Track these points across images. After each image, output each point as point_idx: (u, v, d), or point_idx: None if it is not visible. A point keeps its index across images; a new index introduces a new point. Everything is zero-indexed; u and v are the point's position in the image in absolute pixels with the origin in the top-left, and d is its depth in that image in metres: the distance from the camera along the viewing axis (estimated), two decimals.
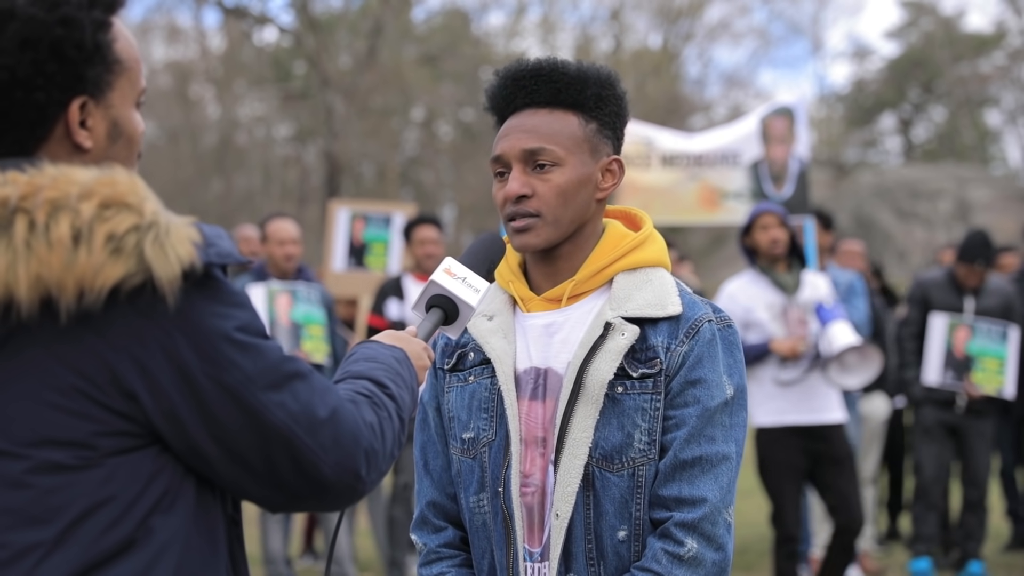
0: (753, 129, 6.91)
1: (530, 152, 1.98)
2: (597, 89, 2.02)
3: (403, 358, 1.74)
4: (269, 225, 6.40)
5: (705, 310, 2.00)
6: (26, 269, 1.36)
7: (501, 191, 2.01)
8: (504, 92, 2.04)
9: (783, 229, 5.63)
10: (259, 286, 6.08)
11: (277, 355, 1.48)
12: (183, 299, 1.42)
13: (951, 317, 6.63)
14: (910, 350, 6.92)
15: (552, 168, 1.98)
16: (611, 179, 2.05)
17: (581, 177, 2.00)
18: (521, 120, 2.01)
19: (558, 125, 2.00)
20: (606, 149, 2.04)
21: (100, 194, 1.40)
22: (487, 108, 2.09)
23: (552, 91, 2.00)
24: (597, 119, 2.03)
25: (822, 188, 27.36)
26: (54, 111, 1.49)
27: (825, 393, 5.61)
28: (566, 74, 2.01)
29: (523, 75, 2.02)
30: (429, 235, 6.50)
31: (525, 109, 2.02)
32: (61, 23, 1.46)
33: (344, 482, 1.50)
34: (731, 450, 1.96)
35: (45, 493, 1.40)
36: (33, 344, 1.41)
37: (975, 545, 6.80)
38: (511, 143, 2.00)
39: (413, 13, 29.73)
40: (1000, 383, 6.64)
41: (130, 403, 1.42)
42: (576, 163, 1.99)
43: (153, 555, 1.44)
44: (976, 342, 6.62)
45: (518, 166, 1.99)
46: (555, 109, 2.01)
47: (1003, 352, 6.64)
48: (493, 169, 2.04)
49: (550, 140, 1.98)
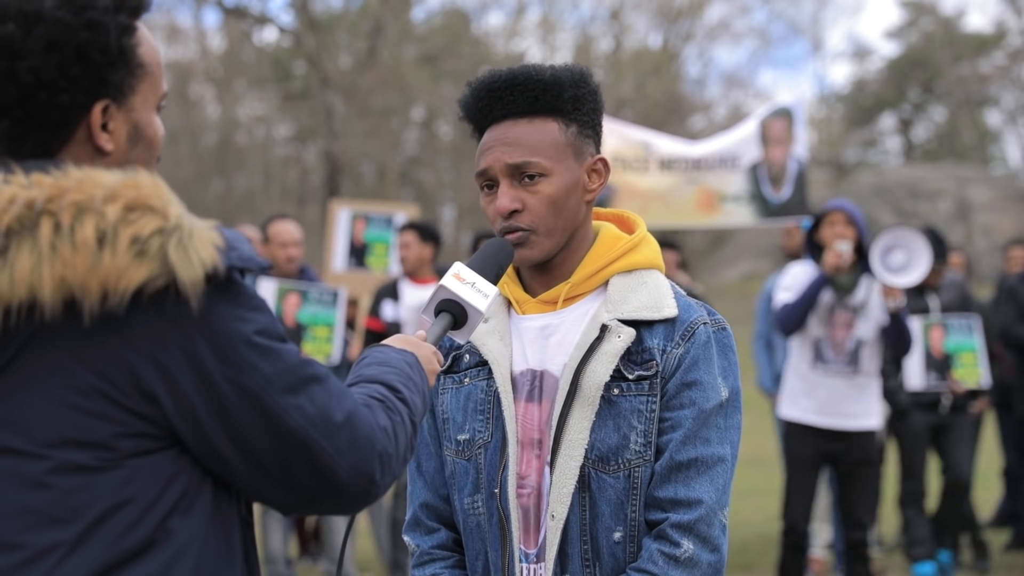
0: (752, 132, 6.90)
1: (516, 166, 1.97)
2: (573, 90, 2.01)
3: (414, 362, 1.74)
4: (271, 227, 6.41)
5: (700, 313, 2.01)
6: (51, 271, 1.37)
7: (491, 206, 2.01)
8: (480, 104, 2.02)
9: (850, 228, 5.50)
10: (270, 283, 6.08)
11: (295, 359, 1.49)
12: (205, 302, 1.43)
13: (923, 318, 6.66)
14: (888, 359, 6.89)
15: (540, 179, 1.97)
16: (598, 179, 2.05)
17: (569, 184, 1.99)
18: (502, 132, 2.00)
19: (539, 135, 1.98)
20: (589, 149, 2.04)
21: (125, 197, 1.41)
22: (463, 119, 2.07)
23: (529, 99, 1.99)
24: (577, 120, 2.02)
25: (822, 188, 27.36)
26: (77, 114, 1.50)
27: (855, 398, 5.59)
28: (541, 80, 1.99)
29: (498, 86, 2.00)
30: (406, 239, 6.56)
31: (504, 120, 2.01)
32: (87, 27, 1.47)
33: (358, 485, 1.52)
34: (726, 452, 1.97)
35: (66, 494, 1.41)
36: (55, 345, 1.42)
37: (949, 536, 6.89)
38: (495, 157, 1.99)
39: (413, 13, 29.74)
40: (978, 375, 6.70)
41: (150, 405, 1.43)
42: (562, 170, 1.99)
43: (172, 556, 1.45)
44: (951, 339, 6.65)
45: (505, 180, 1.98)
46: (534, 117, 2.00)
47: (974, 344, 6.71)
48: (480, 183, 2.03)
49: (534, 152, 1.97)
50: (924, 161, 33.29)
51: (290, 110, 29.50)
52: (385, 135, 28.77)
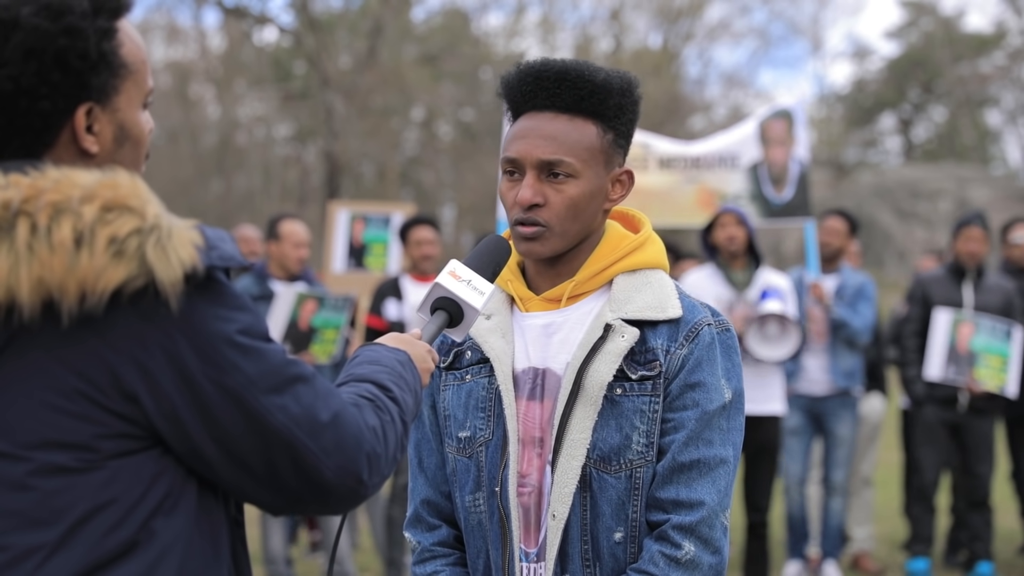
0: (751, 132, 6.88)
1: (547, 163, 1.95)
2: (619, 98, 1.98)
3: (407, 361, 1.73)
4: (282, 226, 6.36)
5: (704, 313, 2.00)
6: (28, 272, 1.36)
7: (511, 192, 1.98)
8: (524, 88, 1.99)
9: (740, 227, 5.97)
10: (289, 289, 6.06)
11: (279, 358, 1.48)
12: (185, 302, 1.42)
13: (955, 313, 6.62)
14: (911, 348, 6.89)
15: (567, 179, 1.95)
16: (620, 190, 2.03)
17: (594, 189, 1.98)
18: (540, 123, 1.97)
19: (577, 135, 1.96)
20: (618, 159, 2.02)
21: (102, 197, 1.40)
22: (500, 95, 2.03)
23: (575, 97, 1.96)
24: (615, 129, 2.00)
25: (822, 188, 27.36)
26: (59, 118, 1.49)
27: (759, 385, 5.83)
28: (592, 82, 1.96)
29: (548, 75, 1.97)
30: (425, 236, 6.50)
31: (545, 111, 1.98)
32: (65, 33, 1.46)
33: (346, 486, 1.50)
34: (728, 453, 1.96)
35: (47, 495, 1.40)
36: (35, 347, 1.41)
37: (983, 546, 6.78)
38: (528, 148, 1.96)
39: (413, 13, 29.74)
40: (1003, 381, 6.61)
41: (131, 405, 1.42)
42: (591, 175, 1.97)
43: (155, 557, 1.44)
44: (980, 338, 6.60)
45: (532, 172, 1.96)
46: (575, 116, 1.97)
47: (1007, 350, 6.62)
48: (504, 167, 2.00)
49: (569, 152, 1.95)
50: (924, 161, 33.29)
51: (290, 110, 29.50)
52: (385, 135, 28.76)
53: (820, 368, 6.84)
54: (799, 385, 6.84)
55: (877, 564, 7.31)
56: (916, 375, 6.82)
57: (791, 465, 6.84)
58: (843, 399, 6.85)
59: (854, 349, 6.83)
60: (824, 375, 6.84)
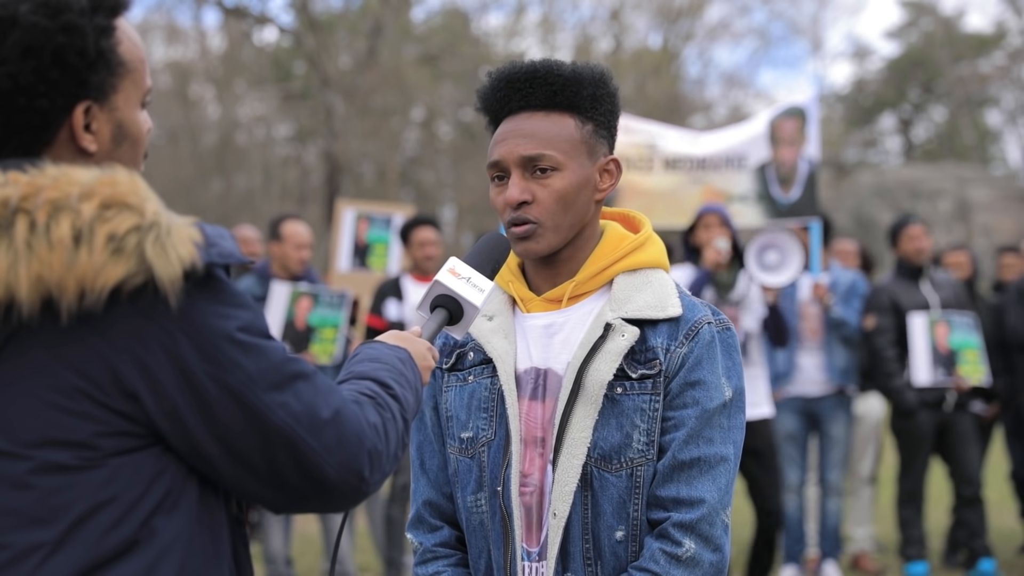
0: (761, 131, 6.78)
1: (529, 158, 1.98)
2: (592, 89, 2.01)
3: (407, 358, 1.73)
4: (285, 226, 6.37)
5: (704, 312, 2.01)
6: (27, 270, 1.36)
7: (500, 196, 2.01)
8: (498, 95, 2.03)
9: (724, 229, 5.84)
10: (284, 286, 6.07)
11: (280, 355, 1.48)
12: (185, 299, 1.42)
13: (928, 315, 6.63)
14: (892, 358, 6.80)
15: (552, 173, 1.98)
16: (609, 179, 2.05)
17: (580, 180, 2.00)
18: (518, 124, 2.01)
19: (555, 129, 1.99)
20: (603, 149, 2.04)
21: (101, 194, 1.40)
22: (479, 109, 2.08)
23: (548, 93, 2.00)
24: (593, 119, 2.02)
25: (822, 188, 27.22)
26: (57, 116, 1.49)
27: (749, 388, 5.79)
28: (561, 75, 2.00)
29: (517, 77, 2.01)
30: (428, 236, 6.51)
31: (521, 112, 2.01)
32: (63, 30, 1.46)
33: (347, 483, 1.50)
34: (729, 452, 1.97)
35: (47, 494, 1.40)
36: (35, 345, 1.41)
37: (981, 541, 6.80)
38: (509, 148, 1.99)
39: (413, 13, 29.72)
40: (981, 372, 6.69)
41: (131, 403, 1.42)
42: (575, 167, 1.99)
43: (156, 556, 1.44)
44: (956, 335, 6.64)
45: (517, 171, 1.99)
46: (551, 112, 2.00)
47: (977, 342, 6.69)
48: (491, 174, 2.03)
49: (549, 145, 1.98)
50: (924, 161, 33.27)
51: (290, 110, 29.47)
52: (385, 135, 28.75)
53: (815, 367, 6.84)
54: (794, 386, 6.84)
55: (877, 564, 7.31)
56: (904, 384, 6.76)
57: (788, 471, 6.82)
58: (838, 398, 6.85)
59: (849, 346, 6.83)
60: (820, 373, 6.84)
